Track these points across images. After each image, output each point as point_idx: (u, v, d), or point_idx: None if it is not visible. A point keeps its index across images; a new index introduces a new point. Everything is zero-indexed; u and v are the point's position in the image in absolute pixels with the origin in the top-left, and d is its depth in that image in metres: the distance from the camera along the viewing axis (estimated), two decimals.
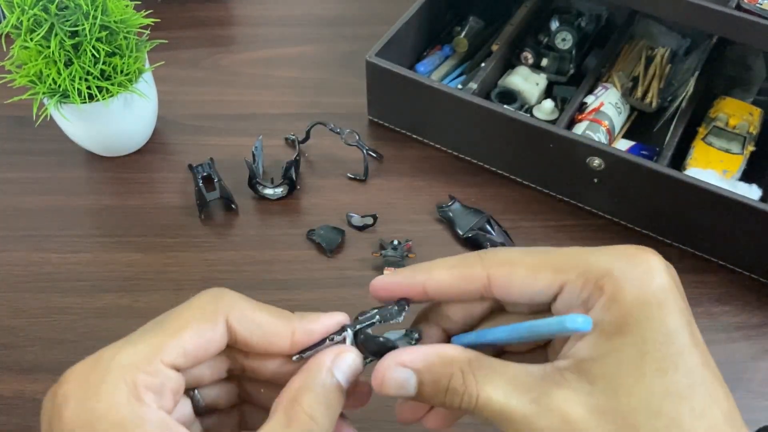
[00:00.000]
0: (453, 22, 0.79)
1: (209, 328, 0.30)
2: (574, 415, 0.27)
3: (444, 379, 0.30)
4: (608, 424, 0.27)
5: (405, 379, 0.31)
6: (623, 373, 0.27)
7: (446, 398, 0.30)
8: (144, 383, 0.27)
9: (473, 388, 0.29)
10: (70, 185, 0.67)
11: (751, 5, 0.63)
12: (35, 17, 0.56)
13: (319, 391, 0.30)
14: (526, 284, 0.31)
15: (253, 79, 0.77)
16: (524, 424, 0.28)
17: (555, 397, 0.28)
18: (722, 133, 0.66)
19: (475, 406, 0.29)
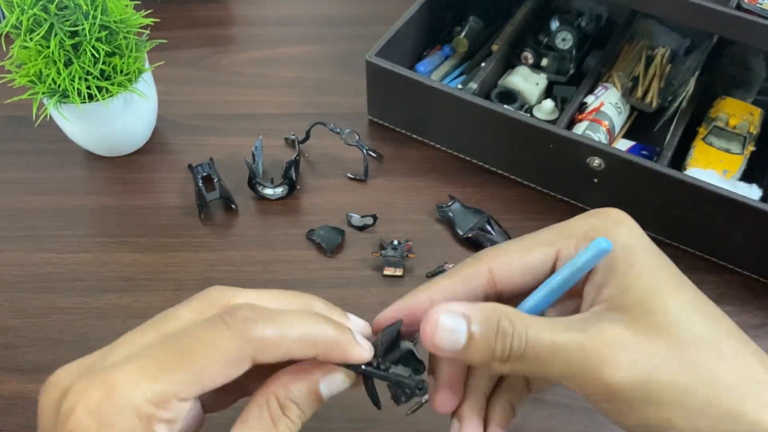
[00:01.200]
0: (453, 22, 0.79)
1: (233, 369, 0.29)
2: (622, 335, 0.30)
3: (493, 320, 0.31)
4: (654, 339, 0.30)
5: (455, 325, 0.31)
6: (650, 296, 0.31)
7: (497, 343, 0.31)
8: (159, 417, 0.28)
9: (522, 328, 0.30)
10: (70, 185, 0.67)
11: (751, 5, 0.63)
12: (35, 17, 0.56)
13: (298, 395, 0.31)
14: (524, 263, 0.33)
15: (253, 79, 0.77)
16: (578, 351, 0.30)
17: (600, 326, 0.30)
18: (722, 133, 0.66)
19: (526, 346, 0.30)
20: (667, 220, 0.62)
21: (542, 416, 0.52)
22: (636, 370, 0.29)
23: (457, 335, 0.31)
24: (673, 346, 0.30)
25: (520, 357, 0.30)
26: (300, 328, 0.30)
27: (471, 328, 0.31)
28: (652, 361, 0.30)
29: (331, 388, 0.32)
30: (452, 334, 0.31)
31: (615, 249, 0.31)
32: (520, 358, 0.30)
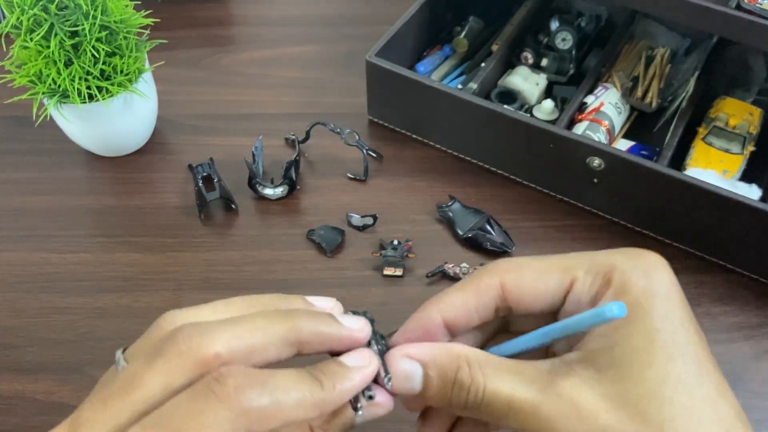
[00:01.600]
0: (453, 22, 0.79)
1: None
2: (583, 401, 0.27)
3: (451, 371, 0.30)
4: (618, 411, 0.27)
5: (412, 372, 0.31)
6: (633, 360, 0.27)
7: (453, 393, 0.30)
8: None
9: (480, 380, 0.29)
10: (70, 185, 0.67)
11: (751, 5, 0.63)
12: (35, 17, 0.56)
13: None
14: (537, 286, 0.31)
15: (253, 79, 0.77)
16: (532, 413, 0.28)
17: (564, 385, 0.28)
18: (722, 133, 0.66)
19: (482, 399, 0.29)
20: (667, 220, 0.62)
21: None
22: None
23: (411, 381, 0.31)
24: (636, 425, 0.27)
25: (477, 409, 0.30)
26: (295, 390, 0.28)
27: (429, 373, 0.31)
28: None
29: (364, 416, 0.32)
30: (407, 381, 0.31)
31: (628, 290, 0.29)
32: (477, 410, 0.30)
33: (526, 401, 0.28)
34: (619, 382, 0.27)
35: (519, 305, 0.32)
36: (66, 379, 0.53)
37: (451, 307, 0.32)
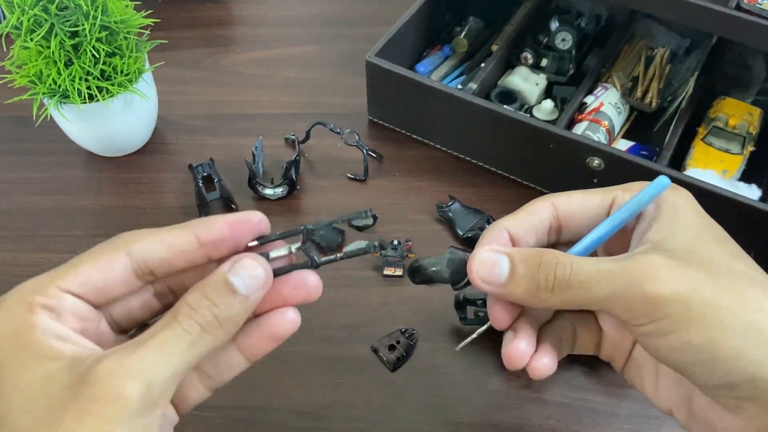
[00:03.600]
0: (453, 23, 0.79)
1: (107, 260, 0.31)
2: (663, 260, 0.31)
3: (536, 256, 0.33)
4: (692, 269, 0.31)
5: (498, 259, 0.34)
6: (692, 242, 0.32)
7: (540, 274, 0.33)
8: (38, 303, 0.29)
9: (565, 259, 0.33)
10: (70, 185, 0.67)
11: (750, 5, 0.63)
12: (35, 17, 0.56)
13: (204, 288, 0.30)
14: (584, 201, 0.36)
15: (253, 79, 0.78)
16: (620, 272, 0.31)
17: (642, 255, 0.32)
18: (722, 133, 0.66)
19: (571, 273, 0.32)
20: None
21: (542, 416, 0.52)
22: (679, 284, 0.30)
23: (499, 268, 0.34)
24: (715, 276, 0.31)
25: (566, 284, 0.32)
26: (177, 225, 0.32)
27: (514, 263, 0.33)
28: (694, 281, 0.31)
29: (241, 275, 0.31)
30: (495, 267, 0.34)
31: (664, 204, 0.34)
32: (566, 286, 0.32)
33: (614, 265, 0.32)
34: (686, 255, 0.32)
35: (569, 222, 0.37)
36: None
37: (514, 223, 0.37)
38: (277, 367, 0.54)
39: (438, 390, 0.53)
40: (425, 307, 0.58)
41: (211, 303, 0.30)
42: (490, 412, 0.52)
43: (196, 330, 0.29)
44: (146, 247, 0.31)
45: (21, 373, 0.28)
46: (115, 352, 0.28)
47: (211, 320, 0.30)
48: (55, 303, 0.30)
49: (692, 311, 0.30)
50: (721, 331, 0.30)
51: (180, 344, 0.29)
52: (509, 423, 0.51)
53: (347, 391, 0.53)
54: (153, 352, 0.28)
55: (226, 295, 0.30)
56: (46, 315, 0.29)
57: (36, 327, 0.29)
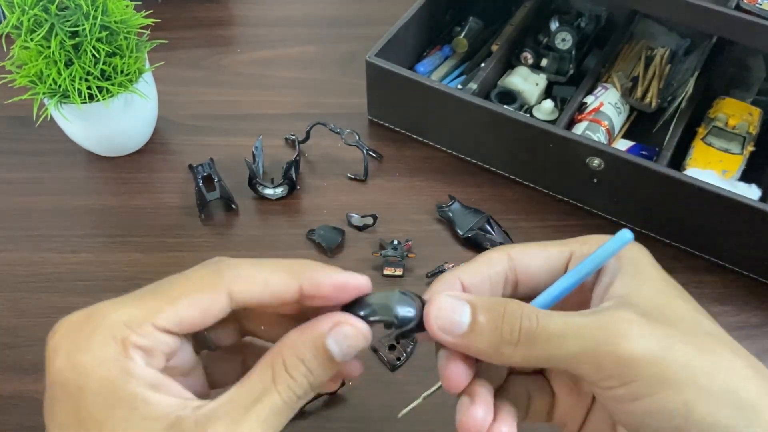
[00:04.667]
0: (453, 23, 0.79)
1: (208, 300, 0.29)
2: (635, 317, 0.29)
3: (500, 306, 0.31)
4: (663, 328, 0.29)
5: (459, 307, 0.31)
6: (659, 297, 0.31)
7: (504, 324, 0.30)
8: (134, 343, 0.27)
9: (531, 311, 0.30)
10: (71, 185, 0.67)
11: (750, 5, 0.63)
12: (35, 17, 0.56)
13: (303, 352, 0.29)
14: (541, 254, 0.34)
15: (253, 79, 0.78)
16: (591, 327, 0.29)
17: (613, 310, 0.30)
18: (722, 133, 0.66)
19: (537, 326, 0.30)
20: (667, 220, 0.62)
21: None
22: (652, 343, 0.28)
23: (459, 316, 0.30)
24: (687, 335, 0.29)
25: (532, 338, 0.29)
26: (278, 263, 0.31)
27: (476, 312, 0.31)
28: (667, 339, 0.29)
29: (340, 343, 0.30)
30: (454, 314, 0.31)
31: (623, 259, 0.32)
32: (533, 340, 0.29)
33: (584, 320, 0.30)
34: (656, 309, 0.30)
35: (526, 276, 0.34)
36: None
37: (468, 273, 0.34)
38: None
39: (438, 390, 0.53)
40: None
41: (307, 371, 0.29)
42: None
43: (294, 401, 0.29)
44: (249, 291, 0.30)
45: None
46: (217, 420, 0.27)
47: (307, 390, 0.29)
48: (151, 344, 0.28)
49: (666, 373, 0.28)
50: (697, 395, 0.28)
51: (280, 418, 0.29)
52: None
53: (347, 391, 0.53)
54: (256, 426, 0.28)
55: (323, 363, 0.29)
56: (141, 359, 0.28)
57: (134, 377, 0.27)
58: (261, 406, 0.28)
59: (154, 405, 0.27)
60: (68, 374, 0.27)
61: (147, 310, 0.28)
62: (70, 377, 0.27)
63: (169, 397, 0.27)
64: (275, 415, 0.28)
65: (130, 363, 0.27)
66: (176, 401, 0.27)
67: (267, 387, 0.28)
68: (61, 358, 0.27)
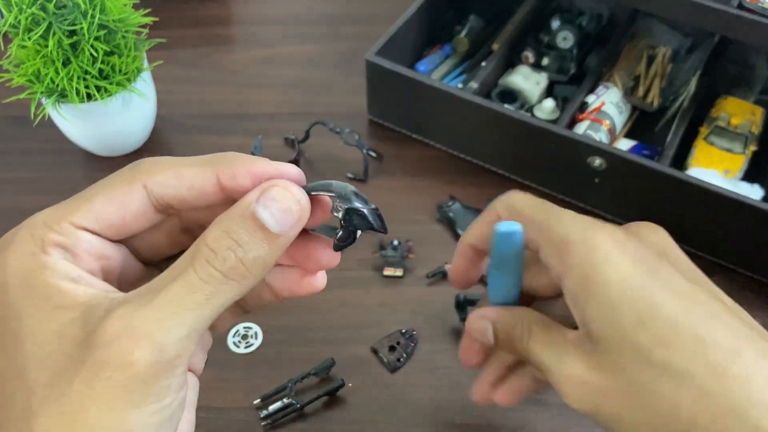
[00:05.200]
0: (453, 21, 0.79)
1: (122, 193, 0.29)
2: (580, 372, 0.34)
3: (510, 327, 0.38)
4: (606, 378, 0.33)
5: (485, 328, 0.39)
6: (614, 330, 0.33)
7: (513, 343, 0.37)
8: (51, 240, 0.27)
9: (525, 338, 0.37)
10: (69, 185, 0.67)
11: (753, 4, 0.62)
12: (33, 16, 0.56)
13: (228, 223, 0.26)
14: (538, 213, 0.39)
15: (253, 79, 0.77)
16: (550, 376, 0.35)
17: (569, 358, 0.34)
18: (724, 133, 0.65)
19: (527, 353, 0.37)
20: (668, 220, 0.61)
21: (543, 417, 0.51)
22: (585, 404, 0.33)
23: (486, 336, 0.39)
24: (622, 386, 0.32)
25: (526, 357, 0.37)
26: (198, 158, 0.29)
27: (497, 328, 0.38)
28: (599, 397, 0.33)
29: (270, 207, 0.27)
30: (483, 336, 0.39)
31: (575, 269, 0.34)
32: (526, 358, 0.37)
33: (547, 366, 0.35)
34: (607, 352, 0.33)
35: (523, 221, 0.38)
36: None
37: (473, 235, 0.41)
38: (276, 368, 0.53)
39: (438, 391, 0.53)
40: (425, 307, 0.58)
41: (234, 243, 0.26)
42: (490, 414, 0.52)
43: (217, 278, 0.26)
44: (163, 182, 0.28)
45: (36, 323, 0.26)
46: (126, 303, 0.25)
47: (235, 265, 0.26)
48: (69, 241, 0.27)
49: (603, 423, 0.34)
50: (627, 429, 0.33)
51: (196, 297, 0.25)
52: (510, 425, 0.51)
53: (347, 392, 0.53)
54: (164, 309, 0.25)
55: (254, 233, 0.26)
56: (60, 254, 0.27)
57: (48, 269, 0.26)
58: (174, 284, 0.25)
59: (69, 295, 0.26)
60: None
61: (64, 210, 0.29)
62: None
63: (88, 288, 0.26)
64: (191, 293, 0.25)
65: (46, 257, 0.27)
66: (95, 292, 0.26)
67: (185, 266, 0.26)
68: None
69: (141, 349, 0.24)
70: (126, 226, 0.29)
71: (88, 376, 0.24)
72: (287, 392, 0.51)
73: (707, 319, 0.32)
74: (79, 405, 0.24)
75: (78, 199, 0.29)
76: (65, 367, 0.25)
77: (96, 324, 0.25)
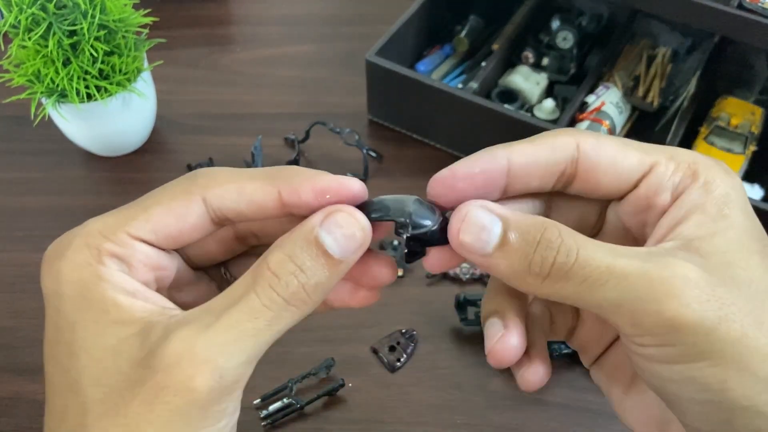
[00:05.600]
0: (453, 22, 0.79)
1: (181, 205, 0.28)
2: (695, 273, 0.25)
3: (536, 231, 0.26)
4: (727, 292, 0.25)
5: (489, 223, 0.26)
6: (734, 250, 0.26)
7: (536, 253, 0.26)
8: (108, 251, 0.27)
9: (571, 242, 0.25)
10: (69, 185, 0.67)
11: (752, 4, 0.62)
12: (33, 16, 0.56)
13: (291, 248, 0.26)
14: (617, 157, 0.28)
15: (253, 79, 0.77)
16: (637, 277, 0.25)
17: (670, 260, 0.25)
18: (724, 133, 0.65)
19: (576, 262, 0.25)
20: None
21: (543, 417, 0.52)
22: (707, 312, 0.24)
23: (488, 235, 0.26)
24: (750, 302, 0.25)
25: (564, 275, 0.25)
26: (257, 171, 0.28)
27: (507, 233, 0.26)
28: (725, 308, 0.25)
29: (333, 232, 0.26)
30: (482, 233, 0.26)
31: (711, 193, 0.27)
32: (564, 277, 0.25)
33: (632, 266, 0.25)
34: (724, 267, 0.26)
35: (590, 175, 0.28)
36: None
37: (521, 154, 0.28)
38: (276, 368, 0.53)
39: (438, 391, 0.53)
40: (425, 307, 0.58)
41: (297, 268, 0.25)
42: (490, 414, 0.52)
43: (279, 303, 0.25)
44: (223, 196, 0.27)
45: (92, 337, 0.25)
46: (187, 325, 0.25)
47: (297, 290, 0.25)
48: (126, 252, 0.27)
49: (712, 346, 0.24)
50: (739, 375, 0.24)
51: (257, 323, 0.25)
52: (510, 425, 0.51)
53: (347, 392, 0.53)
54: (226, 334, 0.24)
55: (317, 258, 0.25)
56: (116, 266, 0.27)
57: (105, 281, 0.26)
58: (235, 309, 0.25)
59: (126, 310, 0.26)
60: (48, 282, 0.27)
61: (121, 219, 0.28)
62: (50, 285, 0.27)
63: (145, 304, 0.26)
64: (252, 319, 0.25)
65: (103, 268, 0.26)
66: (152, 308, 0.26)
67: (247, 290, 0.25)
68: (44, 269, 0.28)
69: (202, 374, 0.24)
70: (182, 237, 0.28)
71: (147, 398, 0.24)
72: (287, 392, 0.51)
73: None
74: (136, 426, 0.24)
75: (135, 208, 0.28)
76: (123, 386, 0.25)
77: (156, 344, 0.24)
